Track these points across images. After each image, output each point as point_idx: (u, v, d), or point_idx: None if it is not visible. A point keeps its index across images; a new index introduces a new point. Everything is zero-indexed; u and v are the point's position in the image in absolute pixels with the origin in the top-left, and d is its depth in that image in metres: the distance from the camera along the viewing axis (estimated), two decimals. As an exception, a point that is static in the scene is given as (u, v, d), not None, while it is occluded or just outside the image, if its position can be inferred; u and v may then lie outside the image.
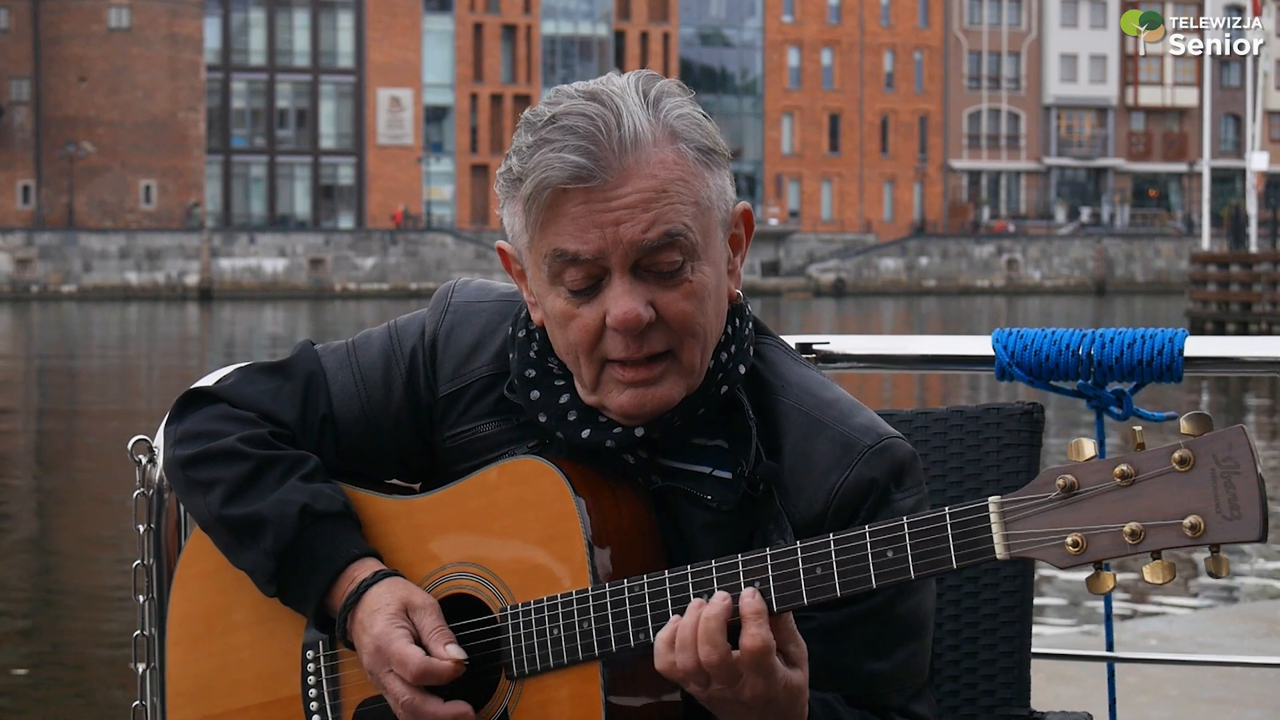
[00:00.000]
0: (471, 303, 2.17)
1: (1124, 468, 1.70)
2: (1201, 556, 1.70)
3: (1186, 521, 1.67)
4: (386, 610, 1.99)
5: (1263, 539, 1.64)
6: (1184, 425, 1.69)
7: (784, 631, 1.84)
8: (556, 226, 1.93)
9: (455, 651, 1.96)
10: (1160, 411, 2.56)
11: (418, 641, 1.98)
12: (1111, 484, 1.71)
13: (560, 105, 1.94)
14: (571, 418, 2.01)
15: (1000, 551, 1.75)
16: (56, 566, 13.37)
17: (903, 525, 1.80)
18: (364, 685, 2.07)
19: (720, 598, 1.84)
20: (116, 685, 9.10)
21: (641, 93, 1.95)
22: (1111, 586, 1.72)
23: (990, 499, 1.77)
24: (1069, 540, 1.72)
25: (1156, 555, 1.70)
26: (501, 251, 2.07)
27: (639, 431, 1.98)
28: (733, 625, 1.84)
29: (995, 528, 1.75)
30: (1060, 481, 1.73)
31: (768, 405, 2.03)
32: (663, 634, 1.86)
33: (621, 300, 1.92)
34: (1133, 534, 1.69)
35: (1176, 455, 1.68)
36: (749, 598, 1.82)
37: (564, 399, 2.03)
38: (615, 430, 1.99)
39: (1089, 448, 1.73)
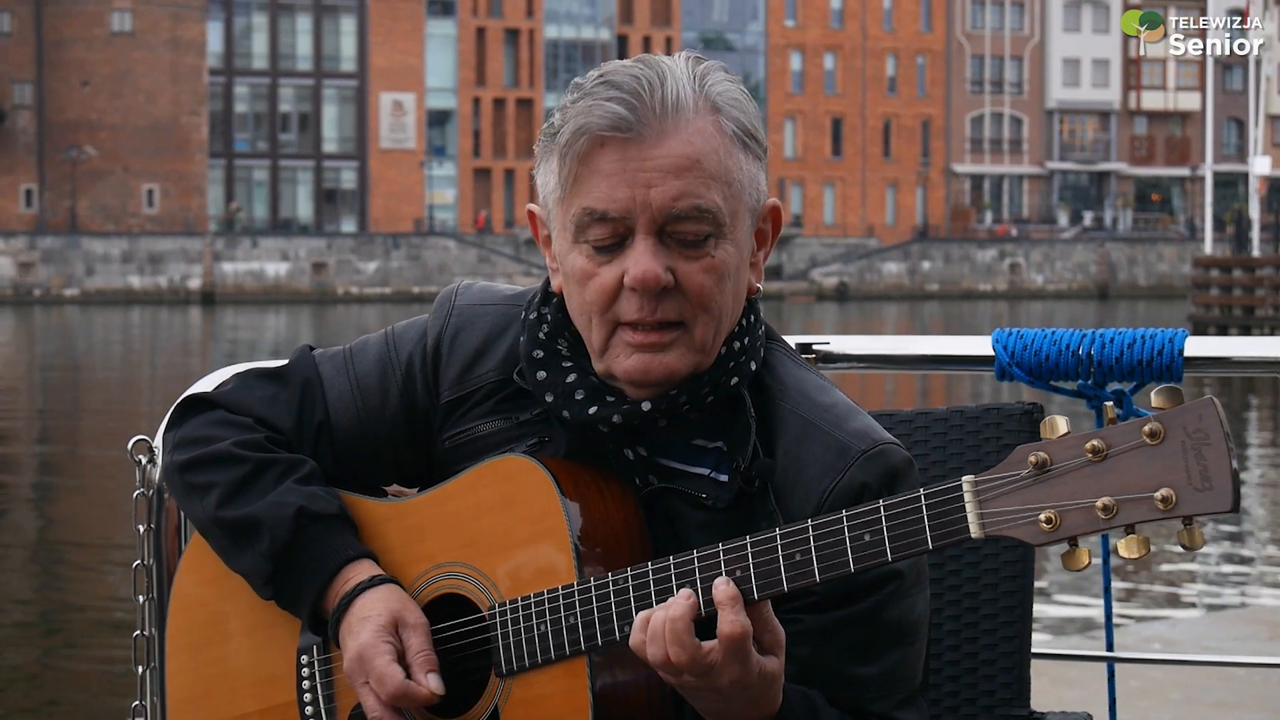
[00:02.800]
0: (476, 305, 2.16)
1: (1095, 443, 1.70)
2: (1175, 530, 1.68)
3: (1158, 494, 1.66)
4: (376, 621, 2.00)
5: (1234, 509, 1.63)
6: (1155, 399, 1.68)
7: (760, 619, 1.84)
8: (589, 184, 1.95)
9: (435, 683, 1.97)
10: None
11: (401, 660, 1.98)
12: (1083, 459, 1.70)
13: (609, 67, 1.98)
14: (579, 396, 2.01)
15: (975, 530, 1.75)
16: (57, 567, 13.37)
17: (879, 508, 1.80)
18: (359, 688, 2.07)
19: (684, 596, 1.84)
20: (116, 686, 9.10)
21: (690, 66, 1.98)
22: (1087, 563, 1.71)
23: (964, 478, 1.76)
24: (1042, 517, 1.71)
25: (1130, 529, 1.69)
26: (531, 215, 2.08)
27: (645, 405, 1.98)
28: (710, 615, 1.83)
29: (970, 507, 1.75)
30: (1032, 458, 1.72)
31: (766, 409, 2.03)
32: (642, 614, 1.86)
33: (642, 260, 1.93)
34: (1105, 509, 1.68)
35: (1147, 428, 1.67)
36: (722, 585, 1.82)
37: (571, 379, 2.03)
38: (623, 406, 1.99)
39: (1061, 424, 1.72)
